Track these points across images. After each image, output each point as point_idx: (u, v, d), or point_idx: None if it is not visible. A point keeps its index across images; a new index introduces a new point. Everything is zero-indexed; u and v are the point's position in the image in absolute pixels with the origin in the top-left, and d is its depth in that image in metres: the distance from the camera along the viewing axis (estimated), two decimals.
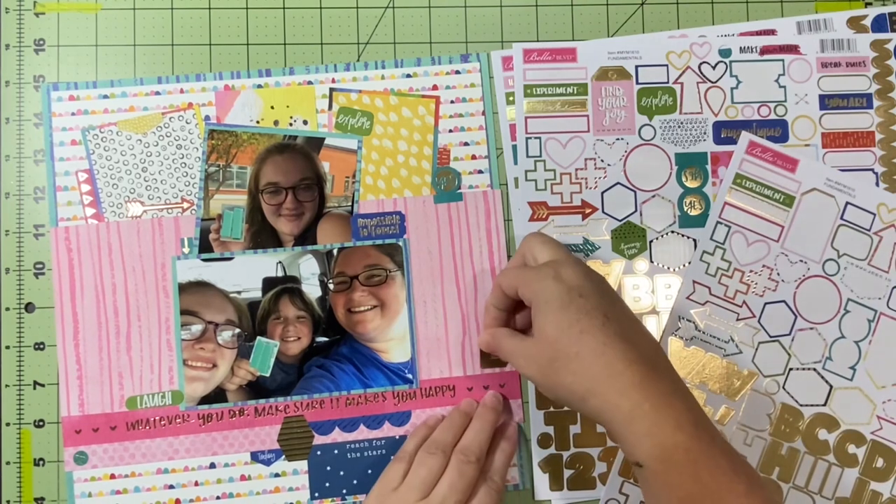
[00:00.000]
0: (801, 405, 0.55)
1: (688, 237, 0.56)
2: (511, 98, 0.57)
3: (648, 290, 0.56)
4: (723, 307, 0.55)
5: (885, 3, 0.59)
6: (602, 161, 0.56)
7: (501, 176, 0.57)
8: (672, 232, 0.56)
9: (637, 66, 0.57)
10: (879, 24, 0.58)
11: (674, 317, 0.55)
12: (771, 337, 0.55)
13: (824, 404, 0.55)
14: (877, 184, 0.57)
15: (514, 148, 0.57)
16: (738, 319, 0.55)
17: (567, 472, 0.55)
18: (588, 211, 0.56)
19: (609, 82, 0.57)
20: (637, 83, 0.57)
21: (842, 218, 0.56)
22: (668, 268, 0.56)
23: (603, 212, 0.56)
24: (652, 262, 0.56)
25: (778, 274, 0.55)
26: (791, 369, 0.55)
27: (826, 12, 0.59)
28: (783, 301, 0.55)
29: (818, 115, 0.58)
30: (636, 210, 0.56)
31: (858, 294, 0.55)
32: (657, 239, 0.56)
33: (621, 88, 0.57)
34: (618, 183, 0.56)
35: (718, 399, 0.54)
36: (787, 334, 0.55)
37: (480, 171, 0.56)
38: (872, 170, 0.57)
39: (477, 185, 0.56)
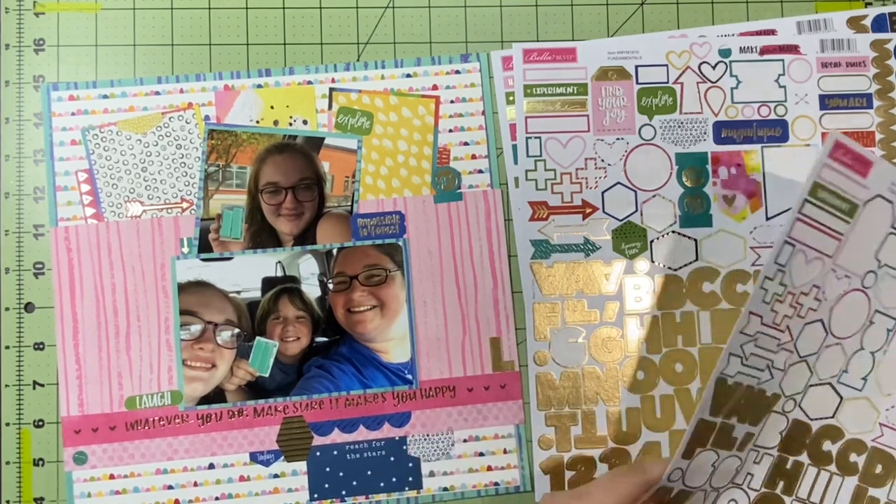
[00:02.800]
0: (812, 419, 0.53)
1: (689, 237, 0.55)
2: (511, 98, 0.56)
3: (649, 291, 0.55)
4: (768, 335, 0.49)
5: (885, 3, 0.58)
6: (602, 161, 0.55)
7: (501, 176, 0.56)
8: (673, 232, 0.55)
9: (637, 66, 0.56)
10: (879, 24, 0.57)
11: (725, 355, 0.48)
12: (801, 357, 0.51)
13: (832, 416, 0.53)
14: None
15: (515, 148, 0.56)
16: (778, 345, 0.49)
17: (568, 474, 0.54)
18: (588, 210, 0.55)
19: (609, 82, 0.56)
20: (637, 83, 0.56)
21: (892, 227, 0.49)
22: (669, 268, 0.55)
23: (603, 211, 0.55)
24: (653, 261, 0.55)
25: (823, 293, 0.48)
26: (811, 386, 0.52)
27: (826, 12, 0.58)
28: (820, 320, 0.49)
29: (818, 114, 0.57)
30: (637, 210, 0.55)
31: (885, 304, 0.51)
32: (658, 239, 0.55)
33: (621, 88, 0.56)
34: (618, 183, 0.55)
35: (742, 428, 0.50)
36: (814, 353, 0.51)
37: (480, 171, 0.56)
38: None
39: (477, 185, 0.55)
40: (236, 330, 0.53)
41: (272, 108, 0.55)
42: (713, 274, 0.56)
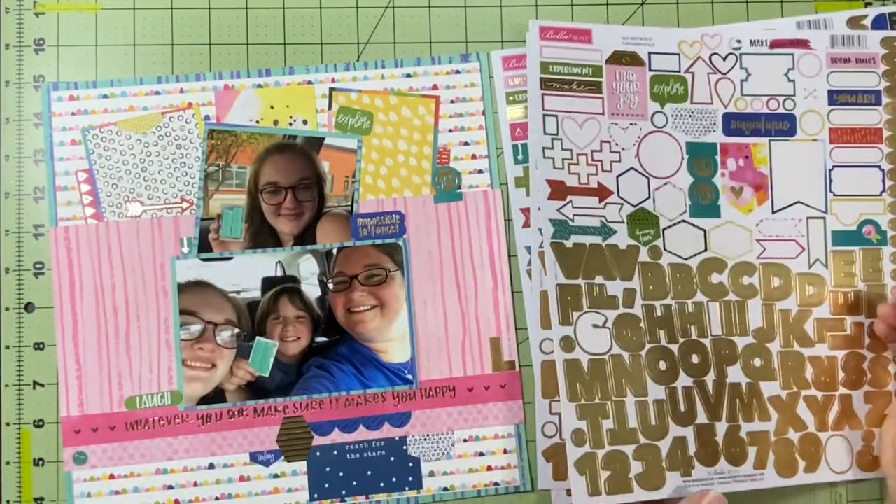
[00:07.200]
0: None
1: (698, 227, 0.53)
2: (511, 98, 0.54)
3: (663, 279, 0.52)
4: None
5: (884, 3, 0.56)
6: (617, 144, 0.53)
7: (501, 176, 0.54)
8: (683, 221, 0.53)
9: (650, 53, 0.54)
10: (879, 24, 0.55)
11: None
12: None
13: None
14: (883, 180, 0.54)
15: (515, 147, 0.54)
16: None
17: (604, 474, 0.49)
18: (605, 194, 0.52)
19: (623, 66, 0.53)
20: (650, 69, 0.54)
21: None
22: (680, 257, 0.53)
23: (618, 196, 0.52)
24: (666, 250, 0.52)
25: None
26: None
27: (826, 12, 0.56)
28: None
29: (826, 110, 0.54)
30: (649, 196, 0.53)
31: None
32: (670, 227, 0.53)
33: (634, 74, 0.53)
34: (631, 168, 0.53)
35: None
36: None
37: (480, 171, 0.54)
38: (879, 166, 0.54)
39: (477, 185, 0.54)
40: (236, 330, 0.51)
41: (272, 107, 0.53)
42: (721, 265, 0.53)
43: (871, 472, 0.52)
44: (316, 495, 0.51)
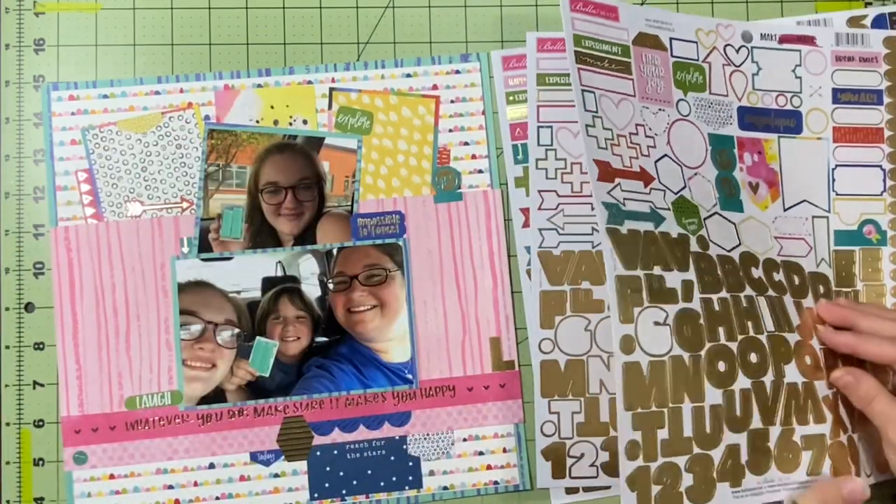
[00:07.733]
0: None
1: (729, 220, 0.51)
2: (511, 98, 0.54)
3: (715, 271, 0.49)
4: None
5: (884, 3, 0.56)
6: (650, 129, 0.51)
7: (501, 176, 0.54)
8: (717, 213, 0.51)
9: (671, 39, 0.53)
10: (879, 24, 0.55)
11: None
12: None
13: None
14: (884, 180, 0.54)
15: (515, 147, 0.54)
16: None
17: (655, 489, 0.45)
18: (648, 179, 0.49)
19: (648, 49, 0.52)
20: (672, 55, 0.53)
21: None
22: (724, 248, 0.50)
23: (660, 182, 0.50)
24: (711, 240, 0.50)
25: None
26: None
27: (826, 12, 0.56)
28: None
29: (830, 108, 0.54)
30: (685, 186, 0.50)
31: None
32: (709, 218, 0.50)
33: (658, 58, 0.52)
34: (665, 155, 0.50)
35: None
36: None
37: (480, 171, 0.54)
38: (880, 166, 0.54)
39: (477, 185, 0.54)
40: (236, 330, 0.51)
41: (272, 107, 0.53)
42: (755, 260, 0.51)
43: (883, 473, 0.51)
44: (316, 495, 0.51)
